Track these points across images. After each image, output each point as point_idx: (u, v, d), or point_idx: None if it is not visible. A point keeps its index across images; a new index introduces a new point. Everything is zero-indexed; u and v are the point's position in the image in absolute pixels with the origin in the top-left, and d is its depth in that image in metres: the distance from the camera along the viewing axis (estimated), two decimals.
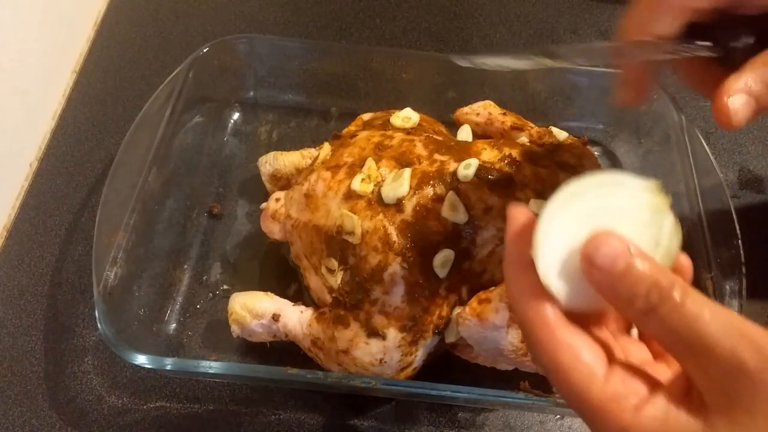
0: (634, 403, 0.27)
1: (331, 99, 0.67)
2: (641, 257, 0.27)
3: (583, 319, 0.30)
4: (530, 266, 0.29)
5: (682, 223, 0.53)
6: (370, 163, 0.48)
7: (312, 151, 0.57)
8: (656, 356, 0.32)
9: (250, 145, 0.66)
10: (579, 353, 0.28)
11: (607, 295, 0.28)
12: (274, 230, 0.53)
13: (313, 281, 0.50)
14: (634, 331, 0.35)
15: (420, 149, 0.49)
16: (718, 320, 0.26)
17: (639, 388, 0.28)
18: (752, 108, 0.35)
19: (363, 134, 0.52)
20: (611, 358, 0.29)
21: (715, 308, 0.26)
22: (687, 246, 0.51)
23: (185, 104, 0.59)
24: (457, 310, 0.47)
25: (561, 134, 0.55)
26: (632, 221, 0.30)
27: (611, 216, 0.29)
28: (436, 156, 0.49)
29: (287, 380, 0.48)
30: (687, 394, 0.28)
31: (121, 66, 0.71)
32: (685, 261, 0.32)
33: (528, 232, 0.30)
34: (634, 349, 0.32)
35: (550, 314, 0.29)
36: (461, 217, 0.46)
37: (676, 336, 0.26)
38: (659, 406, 0.27)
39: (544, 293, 0.29)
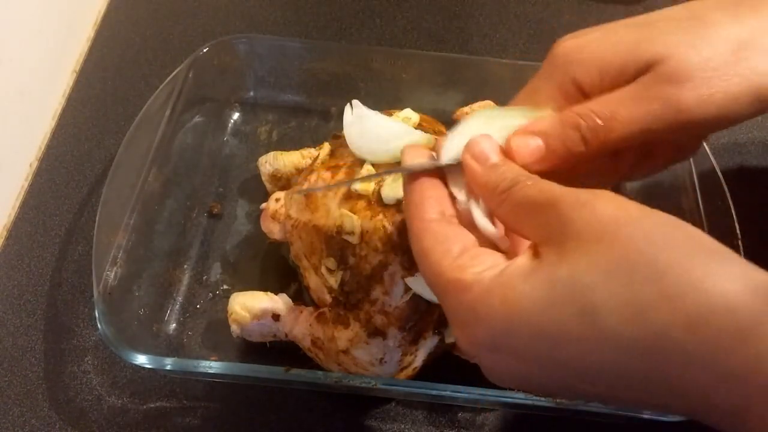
0: (477, 270, 0.29)
1: (331, 99, 0.67)
2: (508, 160, 0.33)
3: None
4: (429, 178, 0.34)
5: None
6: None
7: (312, 151, 0.57)
8: None
9: (250, 145, 0.66)
10: (441, 239, 0.31)
11: (479, 180, 0.32)
12: (274, 230, 0.53)
13: (313, 281, 0.50)
14: None
15: None
16: (562, 187, 0.29)
17: (486, 260, 0.30)
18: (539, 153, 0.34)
19: None
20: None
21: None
22: None
23: (185, 104, 0.59)
24: None
25: None
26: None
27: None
28: None
29: (287, 380, 0.48)
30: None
31: (121, 66, 0.71)
32: None
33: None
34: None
35: (428, 211, 0.33)
36: None
37: (529, 201, 0.30)
38: (499, 266, 0.29)
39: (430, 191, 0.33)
